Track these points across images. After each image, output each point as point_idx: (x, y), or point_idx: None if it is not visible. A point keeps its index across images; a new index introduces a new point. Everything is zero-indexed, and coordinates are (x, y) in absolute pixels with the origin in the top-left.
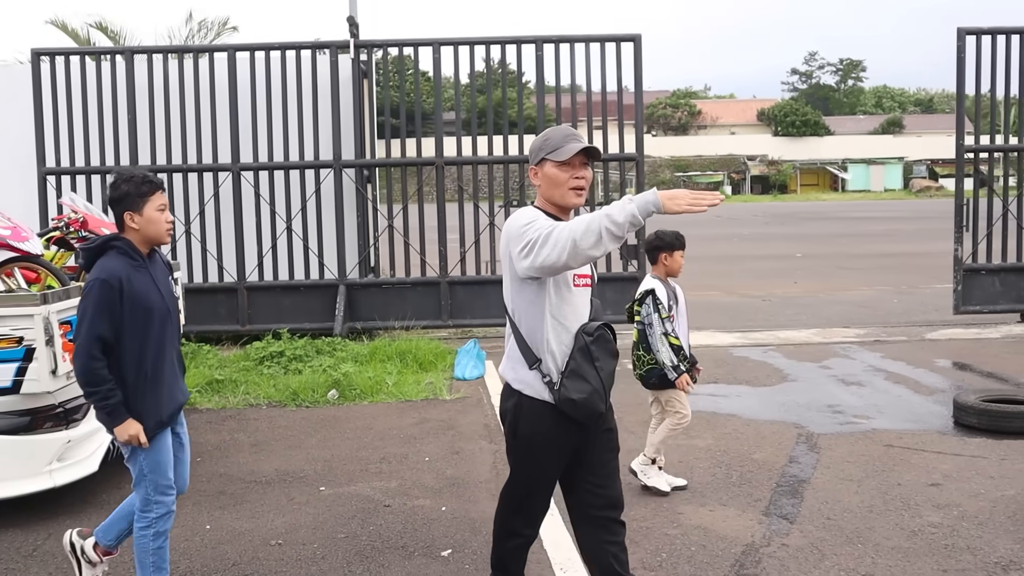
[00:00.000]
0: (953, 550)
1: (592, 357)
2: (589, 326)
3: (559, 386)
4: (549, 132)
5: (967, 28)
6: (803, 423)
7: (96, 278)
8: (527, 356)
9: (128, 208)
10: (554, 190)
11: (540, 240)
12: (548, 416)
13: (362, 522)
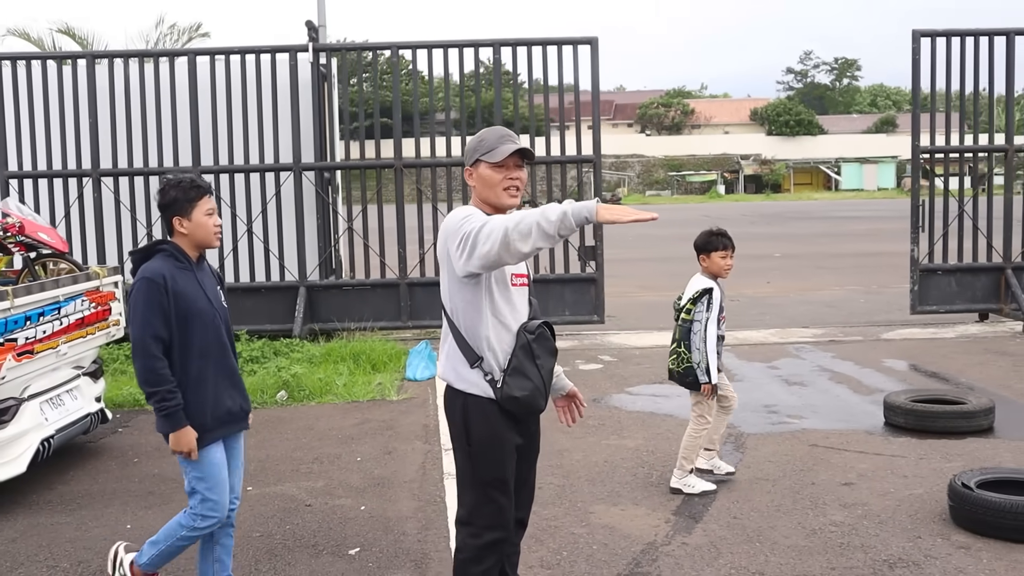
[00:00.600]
0: (847, 548)
1: (534, 355)
2: (530, 324)
3: (502, 384)
4: (483, 133)
5: (922, 30)
6: (736, 423)
7: (140, 278)
8: (467, 355)
9: (177, 213)
10: (488, 191)
11: (474, 233)
12: (497, 414)
13: (280, 521)
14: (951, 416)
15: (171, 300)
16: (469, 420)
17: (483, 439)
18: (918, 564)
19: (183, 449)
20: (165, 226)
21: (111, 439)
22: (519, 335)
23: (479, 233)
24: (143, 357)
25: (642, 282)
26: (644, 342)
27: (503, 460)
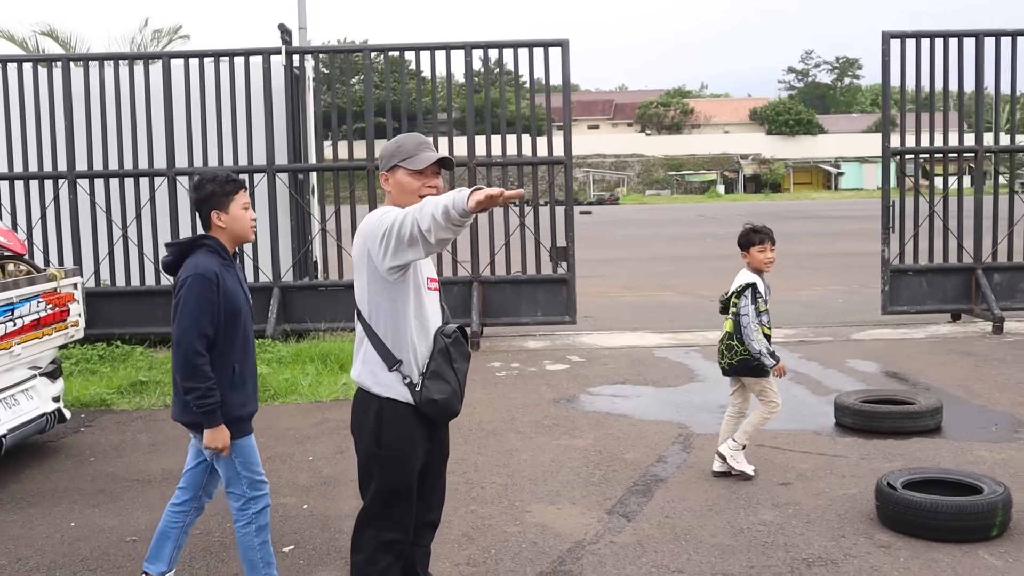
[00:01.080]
0: (770, 547)
1: (451, 359)
2: (448, 328)
3: (420, 387)
4: (402, 139)
5: (891, 32)
6: (688, 423)
7: (192, 273)
8: (386, 358)
9: (215, 207)
10: (406, 197)
11: (398, 221)
12: (411, 419)
13: (221, 520)
14: (897, 416)
15: (220, 298)
16: (383, 425)
17: (394, 444)
18: (836, 563)
19: (217, 446)
20: (203, 221)
21: (71, 438)
22: (437, 339)
23: (402, 222)
24: (187, 352)
25: (625, 283)
26: (615, 343)
27: (411, 466)
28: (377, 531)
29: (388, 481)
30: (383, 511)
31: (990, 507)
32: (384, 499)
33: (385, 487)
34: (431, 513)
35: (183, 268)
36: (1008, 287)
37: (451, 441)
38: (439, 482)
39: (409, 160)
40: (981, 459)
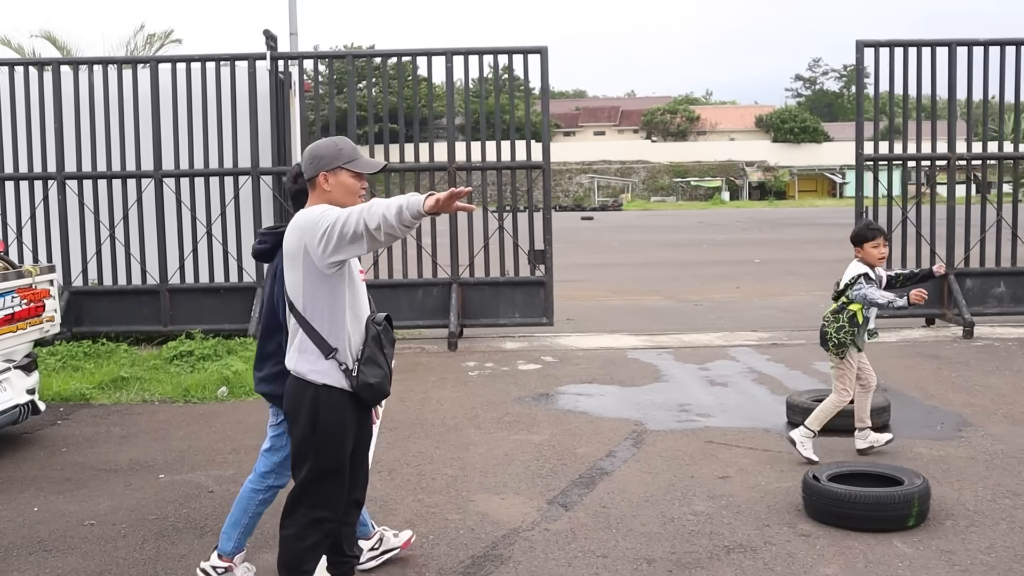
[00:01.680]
0: (695, 535)
1: (381, 344)
2: (378, 316)
3: (356, 372)
4: (339, 142)
5: (865, 41)
6: (644, 421)
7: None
8: (322, 347)
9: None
10: (347, 197)
11: (341, 219)
12: (347, 403)
13: (179, 506)
14: (841, 414)
15: None
16: (319, 410)
17: (329, 429)
18: (755, 550)
19: None
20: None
21: (47, 430)
22: (369, 327)
23: (346, 220)
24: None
25: (614, 286)
26: (591, 344)
27: (344, 448)
28: (308, 509)
29: (322, 462)
30: (315, 491)
31: (906, 498)
32: (317, 479)
33: (318, 468)
34: (356, 492)
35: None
36: (980, 292)
37: (412, 436)
38: (364, 461)
39: (354, 163)
40: (919, 455)
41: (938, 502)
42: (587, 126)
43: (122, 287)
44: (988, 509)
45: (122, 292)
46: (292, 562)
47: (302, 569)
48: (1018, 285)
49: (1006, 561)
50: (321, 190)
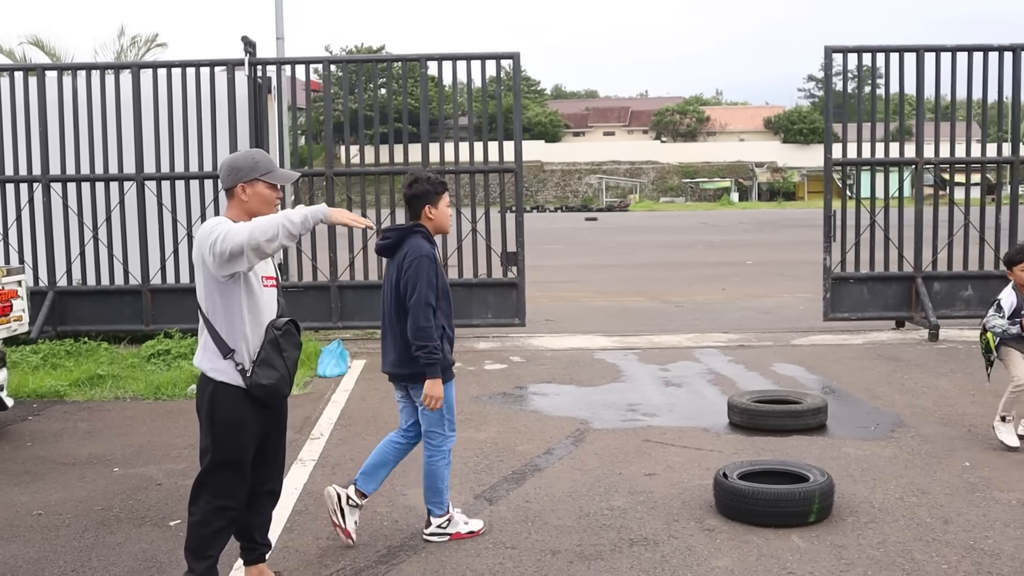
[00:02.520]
0: (604, 528)
1: (280, 348)
2: (278, 321)
3: (251, 373)
4: (255, 155)
5: (833, 47)
6: (590, 420)
7: (421, 254)
8: (221, 347)
9: (427, 202)
10: (263, 207)
11: (222, 237)
12: (241, 400)
13: (126, 497)
14: (779, 415)
15: (438, 275)
16: (216, 405)
17: (226, 423)
18: (657, 543)
19: (436, 394)
20: (413, 213)
21: (17, 426)
22: (268, 330)
23: (226, 237)
24: (421, 320)
25: (602, 288)
26: (562, 345)
27: (241, 442)
28: (211, 497)
29: (221, 454)
30: (216, 480)
31: (807, 495)
32: (217, 469)
33: (218, 459)
34: (270, 483)
35: (406, 250)
36: (948, 296)
37: (364, 432)
38: (277, 455)
39: (270, 175)
40: (845, 455)
41: (847, 499)
42: (597, 126)
43: (105, 287)
44: (893, 507)
45: (105, 292)
46: (197, 547)
47: (206, 554)
48: (985, 288)
49: (891, 555)
50: (239, 200)
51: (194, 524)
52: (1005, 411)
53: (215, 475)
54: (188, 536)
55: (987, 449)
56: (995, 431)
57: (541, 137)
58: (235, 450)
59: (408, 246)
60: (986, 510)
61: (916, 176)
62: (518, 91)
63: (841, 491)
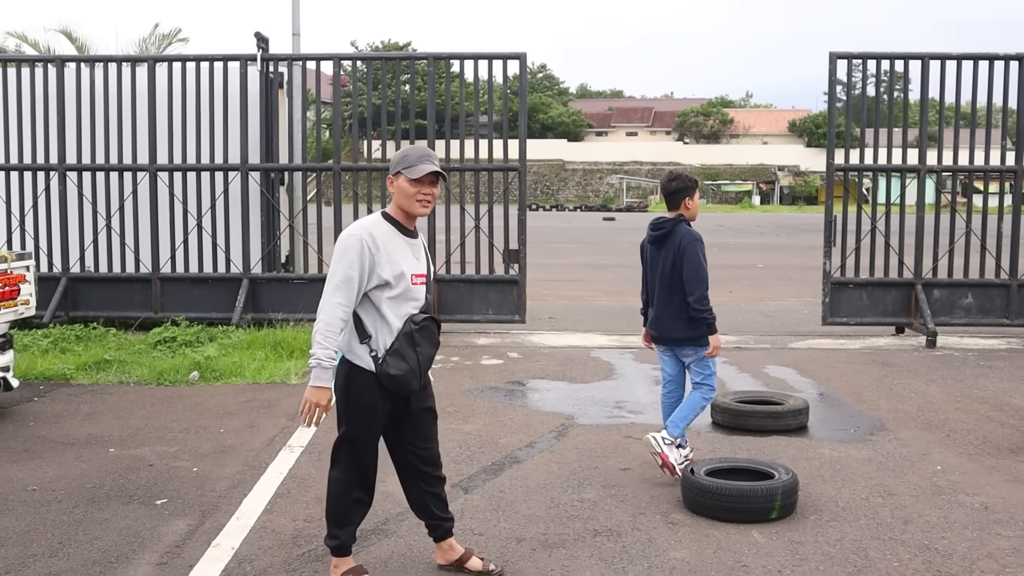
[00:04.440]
0: (571, 519)
1: (415, 342)
2: (417, 317)
3: (382, 361)
4: (409, 150)
5: (838, 53)
6: (576, 415)
7: (695, 239)
8: (360, 332)
9: (687, 196)
10: (404, 200)
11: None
12: (372, 384)
13: (117, 477)
14: (760, 416)
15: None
16: (349, 385)
17: (355, 403)
18: (621, 534)
19: (718, 344)
20: (674, 204)
21: (22, 406)
22: (405, 324)
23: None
24: (703, 290)
25: (606, 288)
26: (560, 342)
27: (368, 423)
28: (341, 472)
29: (349, 431)
30: (343, 455)
31: (769, 492)
32: (344, 444)
33: (346, 435)
34: (426, 467)
35: (679, 236)
36: (947, 303)
37: None
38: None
39: (410, 169)
40: (820, 456)
41: (813, 498)
42: (620, 126)
43: (116, 275)
44: (857, 507)
45: (116, 279)
46: (335, 515)
47: (341, 523)
48: (985, 296)
49: (846, 552)
50: (392, 189)
51: (330, 495)
52: None
53: (342, 450)
54: (327, 505)
55: (961, 454)
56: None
57: (564, 136)
58: (361, 428)
59: (680, 232)
60: (948, 512)
61: (920, 182)
62: (524, 91)
63: (809, 490)
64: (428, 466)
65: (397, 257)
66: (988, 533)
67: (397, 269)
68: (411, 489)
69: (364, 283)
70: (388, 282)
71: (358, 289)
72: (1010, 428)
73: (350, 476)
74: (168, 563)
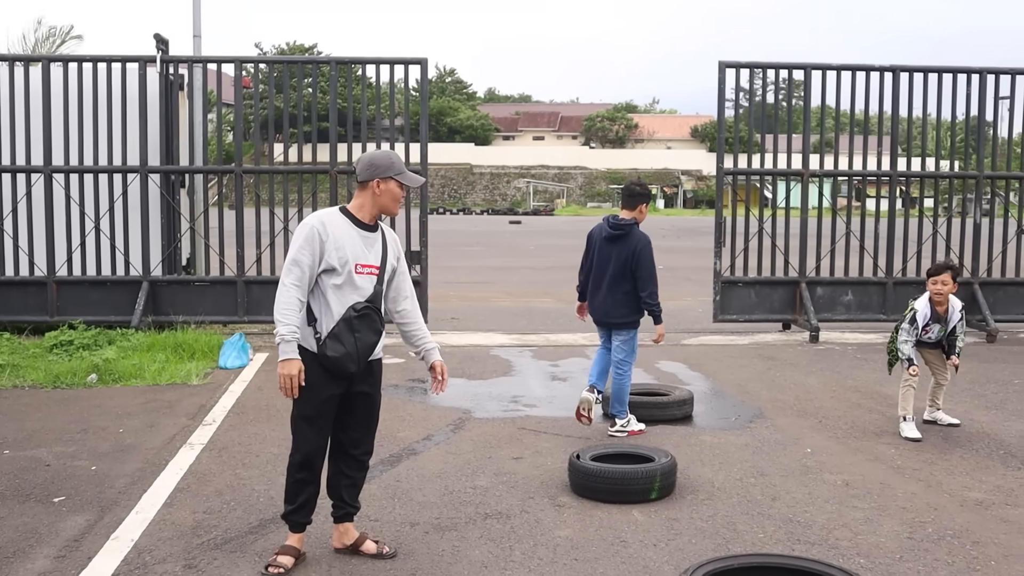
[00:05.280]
0: (464, 504)
1: (353, 328)
2: (358, 304)
3: (322, 343)
4: (392, 156)
5: (727, 62)
6: (473, 409)
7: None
8: (308, 316)
9: (643, 202)
10: (390, 203)
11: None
12: (315, 364)
13: (14, 477)
14: (647, 406)
15: None
16: None
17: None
18: (510, 517)
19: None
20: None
21: None
22: (347, 311)
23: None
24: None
25: (510, 289)
26: (462, 341)
27: (313, 401)
28: (295, 449)
29: (296, 408)
30: (297, 434)
31: (648, 474)
32: (296, 424)
33: (294, 413)
34: (359, 448)
35: (636, 238)
36: (829, 300)
37: (256, 419)
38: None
39: (403, 176)
40: (701, 442)
41: (692, 480)
42: (527, 131)
43: (9, 278)
44: (731, 487)
45: (9, 283)
46: (287, 492)
47: (294, 500)
48: (864, 294)
49: (717, 527)
50: (372, 193)
51: (287, 474)
52: (904, 410)
53: (293, 428)
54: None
55: (830, 438)
56: (900, 432)
57: (472, 140)
58: (305, 407)
59: (636, 234)
60: (812, 489)
61: (804, 186)
62: (425, 96)
63: (689, 473)
64: (354, 448)
65: (344, 245)
66: (846, 506)
67: (343, 257)
68: (331, 468)
69: (316, 266)
70: (334, 268)
71: (310, 272)
72: (877, 414)
73: (295, 455)
74: (67, 556)
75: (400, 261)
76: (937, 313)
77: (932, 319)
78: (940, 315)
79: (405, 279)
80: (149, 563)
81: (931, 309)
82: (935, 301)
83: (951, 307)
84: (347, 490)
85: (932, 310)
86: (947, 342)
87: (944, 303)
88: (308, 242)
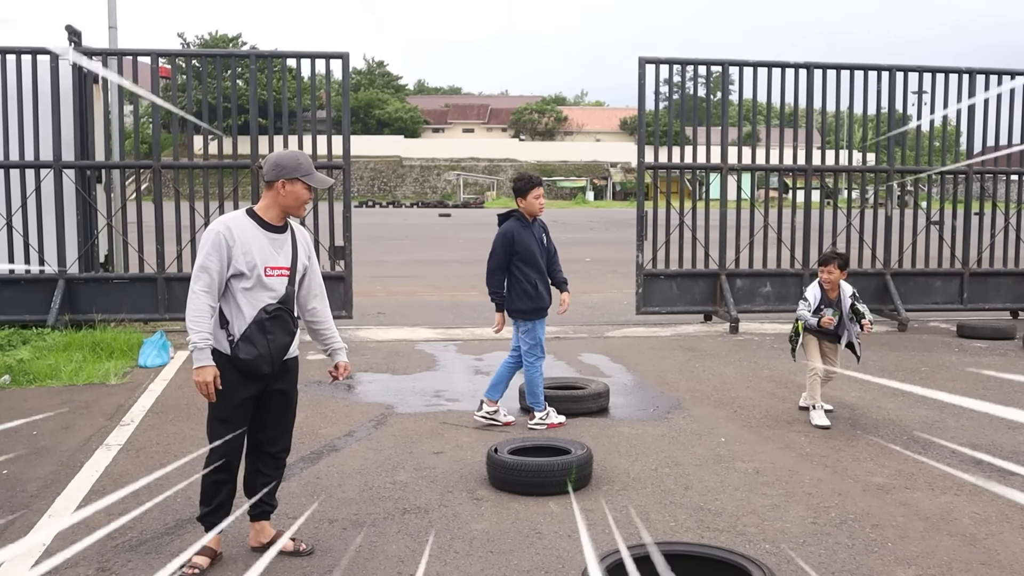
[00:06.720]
0: (383, 500)
1: (265, 330)
2: (270, 306)
3: (235, 346)
4: (299, 156)
5: (647, 58)
6: (396, 404)
7: (500, 232)
8: (221, 319)
9: (520, 195)
10: (296, 205)
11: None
12: (228, 366)
13: None
14: (564, 400)
15: (516, 246)
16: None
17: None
18: (428, 510)
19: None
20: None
21: None
22: (259, 313)
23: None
24: (488, 275)
25: (438, 283)
26: (387, 336)
27: (228, 402)
28: (211, 451)
29: (212, 410)
30: (213, 434)
31: (564, 466)
32: (211, 425)
33: (209, 415)
34: (275, 446)
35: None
36: (749, 291)
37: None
38: (283, 422)
39: (310, 178)
40: (619, 433)
41: (608, 471)
42: (457, 123)
43: None
44: (646, 477)
45: None
46: (203, 494)
47: (210, 501)
48: (782, 285)
49: (629, 516)
50: (277, 193)
51: (203, 475)
52: (812, 399)
53: (211, 428)
54: (202, 485)
55: (744, 427)
56: (811, 420)
57: (401, 132)
58: (220, 408)
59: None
60: (724, 477)
61: (722, 180)
62: (347, 90)
63: (606, 464)
64: (271, 447)
65: (252, 249)
66: (755, 493)
67: (251, 261)
68: (248, 467)
69: (224, 271)
70: (243, 272)
71: (219, 277)
72: (790, 403)
73: (211, 457)
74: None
75: (312, 260)
76: (828, 298)
77: (823, 303)
78: (831, 300)
79: (316, 277)
80: (61, 567)
81: (822, 293)
82: (825, 288)
83: (841, 292)
84: (264, 488)
85: (823, 295)
86: (853, 317)
87: (835, 289)
88: (215, 248)
